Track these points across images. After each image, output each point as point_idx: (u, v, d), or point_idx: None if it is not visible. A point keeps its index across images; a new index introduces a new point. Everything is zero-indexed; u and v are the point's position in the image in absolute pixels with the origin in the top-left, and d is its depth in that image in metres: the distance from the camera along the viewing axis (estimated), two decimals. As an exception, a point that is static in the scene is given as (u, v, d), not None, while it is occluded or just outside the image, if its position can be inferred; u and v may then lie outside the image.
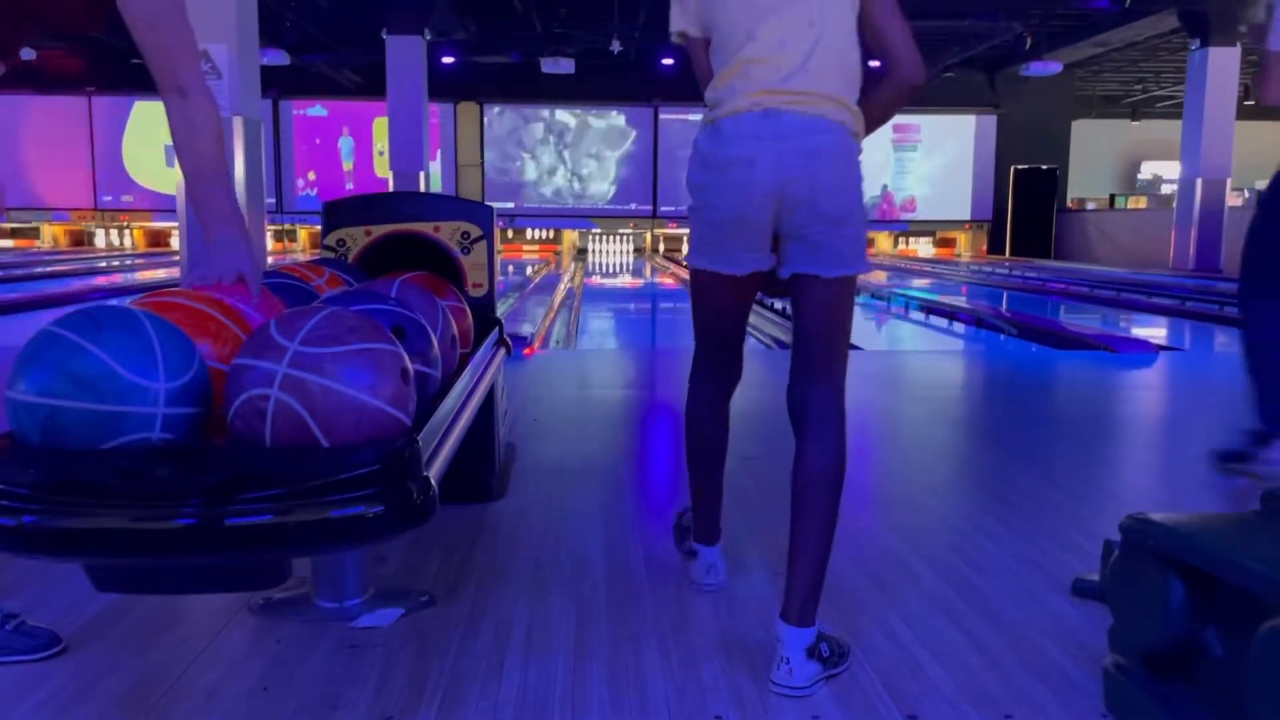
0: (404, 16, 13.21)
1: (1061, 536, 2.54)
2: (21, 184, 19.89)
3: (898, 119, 20.35)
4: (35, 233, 20.52)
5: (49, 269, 13.81)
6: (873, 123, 1.83)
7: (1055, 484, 3.12)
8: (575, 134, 20.70)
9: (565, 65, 16.53)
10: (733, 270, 1.81)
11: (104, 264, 15.36)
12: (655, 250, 20.48)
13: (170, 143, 1.82)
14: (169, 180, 8.08)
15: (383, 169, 19.00)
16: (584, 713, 1.63)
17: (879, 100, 1.82)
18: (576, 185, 20.76)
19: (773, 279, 1.84)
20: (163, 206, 19.33)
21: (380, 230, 2.84)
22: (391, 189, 13.48)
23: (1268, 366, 3.10)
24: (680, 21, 1.89)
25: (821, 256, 1.75)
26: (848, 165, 1.75)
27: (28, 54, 16.62)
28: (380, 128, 19.35)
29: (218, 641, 1.87)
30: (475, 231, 2.90)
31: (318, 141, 20.62)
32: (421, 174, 13.37)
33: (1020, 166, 20.41)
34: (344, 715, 1.61)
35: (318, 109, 20.49)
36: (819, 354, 1.79)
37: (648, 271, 16.75)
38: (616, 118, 20.64)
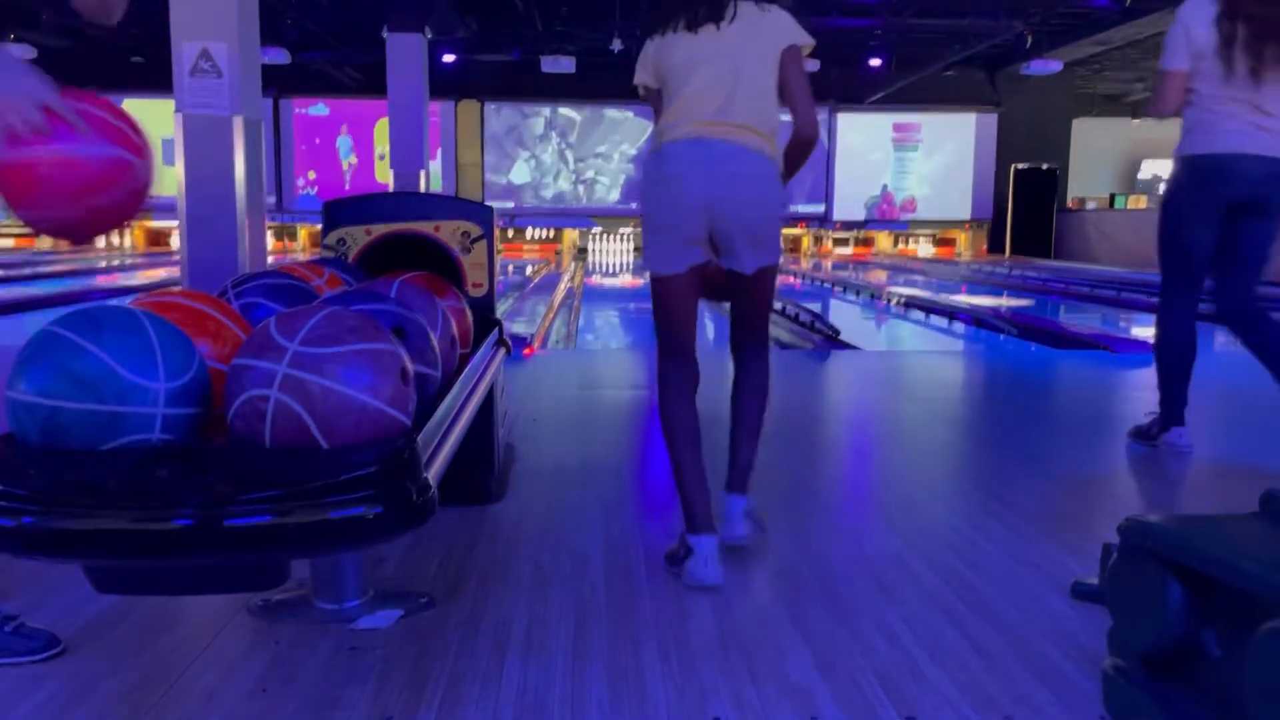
0: (405, 14, 13.19)
1: (1061, 537, 2.54)
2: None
3: (898, 118, 20.39)
4: (35, 232, 20.51)
5: (49, 269, 13.80)
6: (790, 167, 2.32)
7: (1055, 484, 3.12)
8: (576, 133, 20.70)
9: (566, 64, 16.52)
10: (671, 269, 2.26)
11: (104, 264, 15.36)
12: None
13: (168, 136, 1.78)
14: (169, 180, 8.07)
15: (383, 169, 19.00)
16: (584, 713, 1.63)
17: (787, 152, 2.30)
18: (577, 185, 20.76)
19: (710, 291, 2.35)
20: (162, 206, 19.32)
21: (380, 230, 2.84)
22: (391, 188, 13.47)
23: (1164, 367, 3.43)
24: (641, 75, 2.36)
25: (744, 258, 2.25)
26: (764, 183, 2.23)
27: (29, 52, 16.63)
28: (381, 127, 19.35)
29: (217, 642, 1.88)
30: (475, 231, 2.90)
31: (318, 141, 20.61)
32: (422, 173, 13.36)
33: (1020, 166, 20.39)
34: (343, 716, 1.61)
35: (318, 107, 20.48)
36: (751, 320, 2.44)
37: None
38: (618, 116, 20.64)
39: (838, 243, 21.28)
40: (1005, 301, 11.12)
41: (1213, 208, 3.20)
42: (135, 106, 3.25)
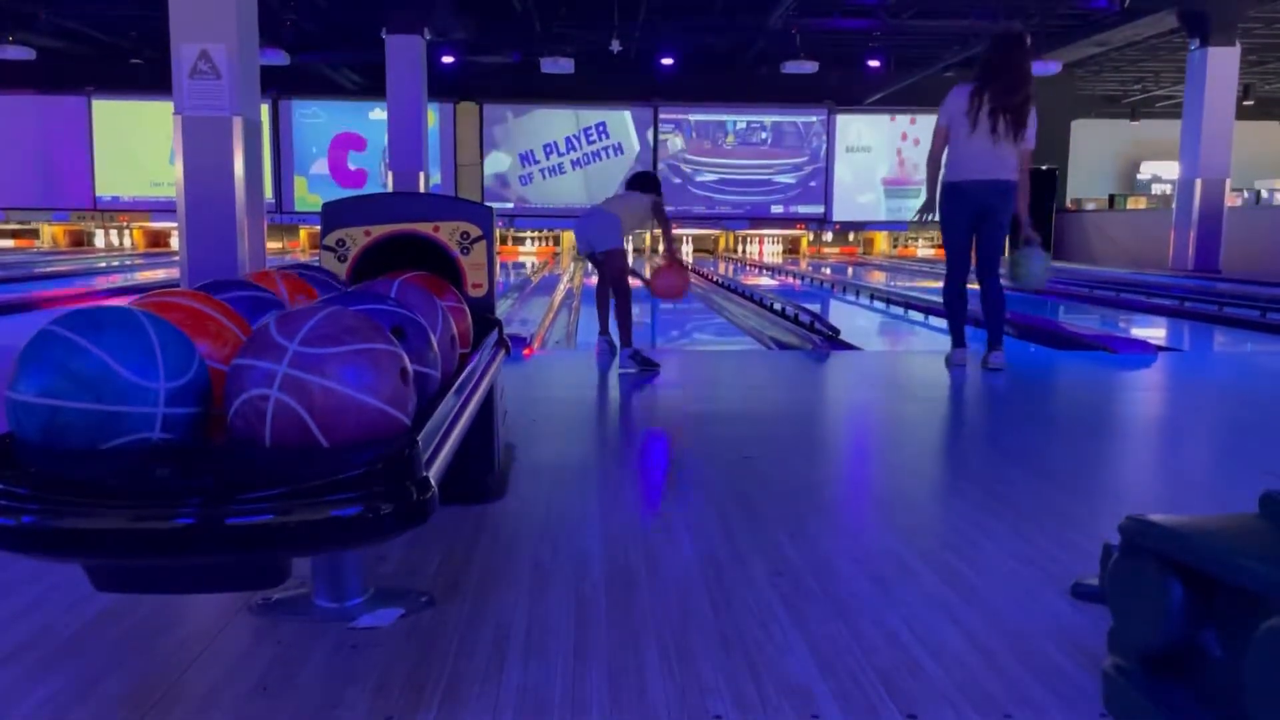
0: (404, 16, 13.21)
1: (1061, 537, 2.54)
2: (21, 184, 19.89)
3: (900, 118, 20.40)
4: (35, 233, 20.51)
5: (49, 269, 13.80)
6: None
7: (1055, 484, 3.12)
8: (576, 133, 20.70)
9: (565, 65, 16.53)
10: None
11: (104, 264, 15.35)
12: (654, 250, 20.47)
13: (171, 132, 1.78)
14: (169, 180, 8.07)
15: (381, 169, 19.00)
16: (584, 713, 1.63)
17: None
18: (577, 185, 20.76)
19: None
20: (163, 207, 19.33)
21: (380, 230, 2.84)
22: (391, 189, 13.48)
23: (949, 311, 5.38)
24: None
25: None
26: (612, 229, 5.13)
27: (28, 54, 16.62)
28: (380, 128, 19.35)
29: (218, 641, 1.87)
30: (475, 232, 2.90)
31: (317, 142, 20.62)
32: (421, 174, 13.37)
33: (1020, 166, 20.39)
34: (344, 715, 1.61)
35: (317, 109, 20.49)
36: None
37: (647, 271, 16.74)
38: (618, 116, 20.64)
39: (837, 243, 21.31)
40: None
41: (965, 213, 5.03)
42: (135, 107, 3.26)
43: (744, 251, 21.56)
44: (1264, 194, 20.76)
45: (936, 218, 5.13)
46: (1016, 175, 4.91)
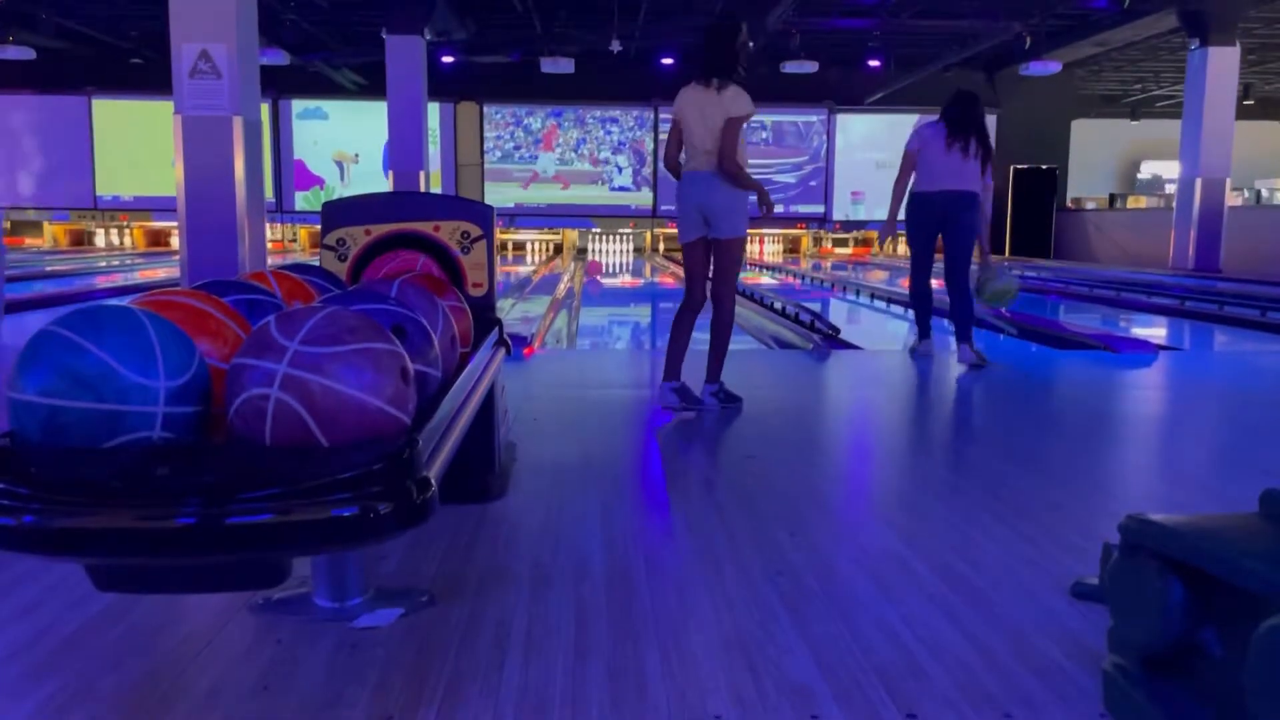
0: (404, 16, 13.20)
1: (1061, 536, 2.54)
2: (22, 184, 19.89)
3: (901, 118, 20.37)
4: (37, 231, 20.52)
5: (49, 269, 13.80)
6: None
7: (1055, 484, 3.12)
8: (576, 133, 20.69)
9: (565, 65, 16.52)
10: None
11: (104, 264, 15.35)
12: (655, 250, 20.48)
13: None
14: (169, 180, 8.10)
15: (381, 169, 19.00)
16: (584, 713, 1.63)
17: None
18: (577, 185, 20.76)
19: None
20: (163, 206, 19.32)
21: (380, 230, 2.84)
22: (391, 189, 13.48)
23: (916, 306, 5.86)
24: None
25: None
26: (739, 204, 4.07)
27: (28, 53, 16.62)
28: (380, 128, 19.35)
29: (218, 640, 1.87)
30: (475, 231, 2.90)
31: (317, 142, 20.61)
32: (421, 174, 13.37)
33: (1020, 166, 20.41)
34: (344, 714, 1.61)
35: (317, 109, 20.48)
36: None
37: (647, 271, 16.75)
38: (617, 116, 20.64)
39: (837, 243, 21.31)
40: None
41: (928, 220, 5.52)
42: (135, 107, 3.26)
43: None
44: (1264, 194, 20.76)
45: (902, 233, 5.72)
46: (979, 188, 5.40)
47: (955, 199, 5.35)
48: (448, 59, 17.73)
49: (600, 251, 20.40)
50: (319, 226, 2.97)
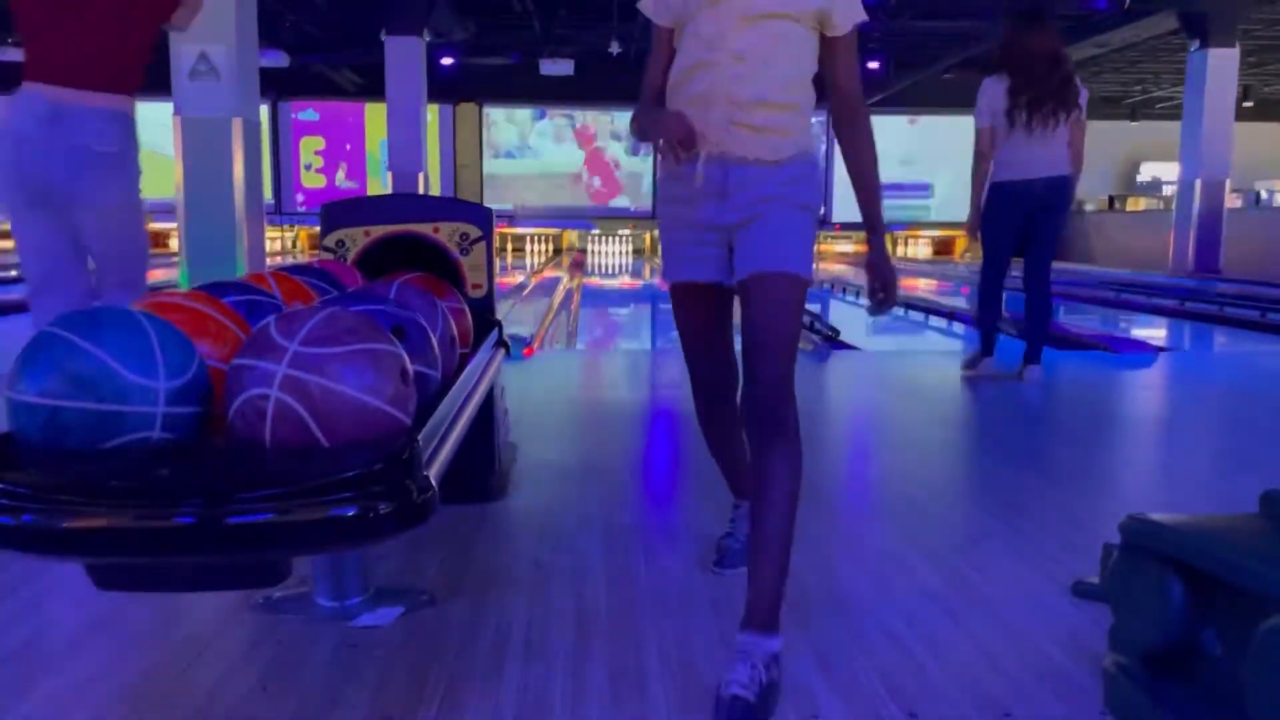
0: (403, 17, 13.19)
1: (1061, 536, 2.54)
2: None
3: (901, 118, 20.38)
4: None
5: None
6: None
7: (1055, 484, 3.12)
8: (575, 133, 20.70)
9: (564, 66, 16.52)
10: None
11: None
12: (654, 251, 20.48)
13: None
14: (169, 181, 8.10)
15: (380, 170, 18.99)
16: (584, 713, 1.63)
17: None
18: (577, 185, 20.77)
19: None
20: (162, 207, 19.30)
21: (379, 231, 2.84)
22: (391, 190, 13.47)
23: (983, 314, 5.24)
24: None
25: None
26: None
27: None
28: (379, 129, 19.35)
29: (219, 640, 1.88)
30: (474, 232, 2.90)
31: (317, 142, 20.61)
32: (421, 175, 13.37)
33: (1019, 167, 20.39)
34: (344, 714, 1.61)
35: (316, 110, 20.48)
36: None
37: (646, 272, 16.75)
38: (617, 117, 20.64)
39: (837, 243, 21.30)
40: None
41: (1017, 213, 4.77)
42: (138, 108, 3.27)
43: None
44: (1264, 195, 20.76)
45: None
46: (1070, 169, 4.63)
47: (1041, 189, 4.62)
48: (447, 60, 17.72)
49: (599, 253, 20.40)
50: (318, 228, 2.96)
